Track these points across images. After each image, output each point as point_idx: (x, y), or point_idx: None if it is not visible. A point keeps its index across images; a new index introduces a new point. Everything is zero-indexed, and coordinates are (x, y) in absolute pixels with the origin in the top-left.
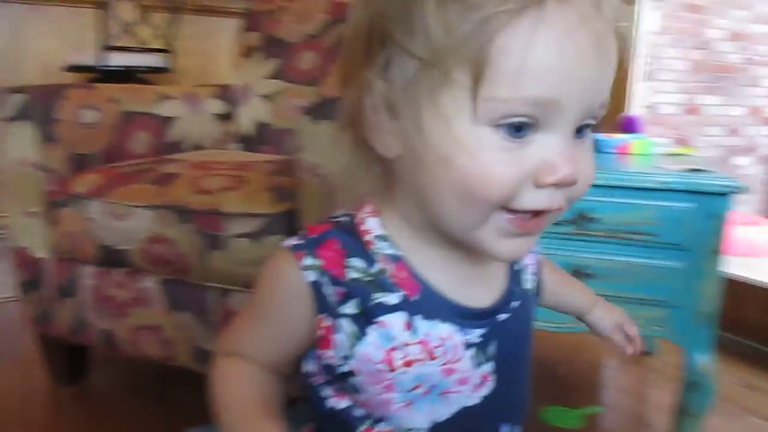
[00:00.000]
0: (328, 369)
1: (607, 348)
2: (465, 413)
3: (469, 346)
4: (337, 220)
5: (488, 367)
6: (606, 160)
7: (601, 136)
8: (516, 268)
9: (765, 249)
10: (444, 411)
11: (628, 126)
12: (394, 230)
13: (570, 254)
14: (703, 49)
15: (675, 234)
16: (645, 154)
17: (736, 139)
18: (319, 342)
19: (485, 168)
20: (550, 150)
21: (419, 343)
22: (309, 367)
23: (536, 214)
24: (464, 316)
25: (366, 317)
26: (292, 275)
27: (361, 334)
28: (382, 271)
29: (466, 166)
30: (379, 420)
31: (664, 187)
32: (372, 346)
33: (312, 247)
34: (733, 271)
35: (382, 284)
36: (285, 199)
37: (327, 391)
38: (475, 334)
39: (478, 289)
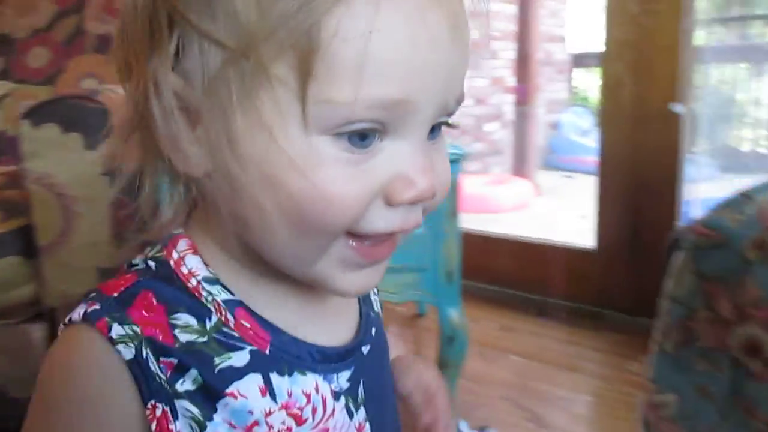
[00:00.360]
0: None
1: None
2: None
3: (338, 395)
4: (140, 267)
5: (362, 416)
6: None
7: None
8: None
9: (513, 204)
10: None
11: None
12: (223, 268)
13: None
14: None
15: None
16: None
17: (485, 107)
18: None
19: (324, 188)
20: (403, 160)
21: (282, 408)
22: None
23: (385, 237)
24: (327, 360)
25: (210, 392)
26: (98, 357)
27: (207, 417)
28: (221, 324)
29: (298, 187)
30: None
31: None
32: (224, 427)
33: (117, 309)
34: (486, 226)
35: (225, 342)
36: (15, 215)
37: None
38: (343, 378)
39: (334, 324)
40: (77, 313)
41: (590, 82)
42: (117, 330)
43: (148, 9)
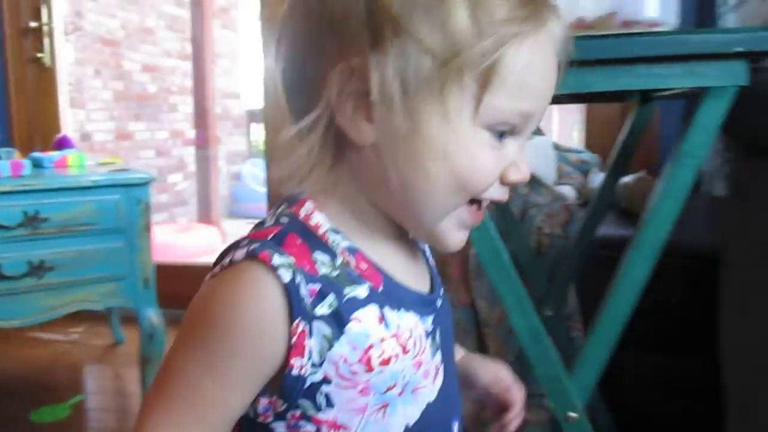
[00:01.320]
0: (293, 387)
1: (85, 351)
2: (428, 411)
3: (428, 334)
4: (275, 222)
5: (439, 357)
6: (48, 172)
7: (39, 154)
8: (426, 258)
9: (201, 250)
10: (414, 412)
11: (63, 144)
12: (342, 223)
13: (24, 254)
14: (123, 80)
15: (111, 221)
16: (80, 165)
17: (167, 159)
18: (291, 351)
19: (480, 164)
20: (517, 153)
21: (393, 336)
22: (257, 405)
23: (488, 204)
24: (422, 304)
25: (340, 316)
26: (263, 283)
27: (335, 336)
28: (346, 263)
29: (464, 162)
30: None
31: (97, 184)
32: (348, 347)
33: (274, 246)
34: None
35: (349, 277)
36: None
37: (280, 428)
38: (428, 322)
39: (419, 276)
40: (238, 255)
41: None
42: (277, 259)
43: (364, 18)
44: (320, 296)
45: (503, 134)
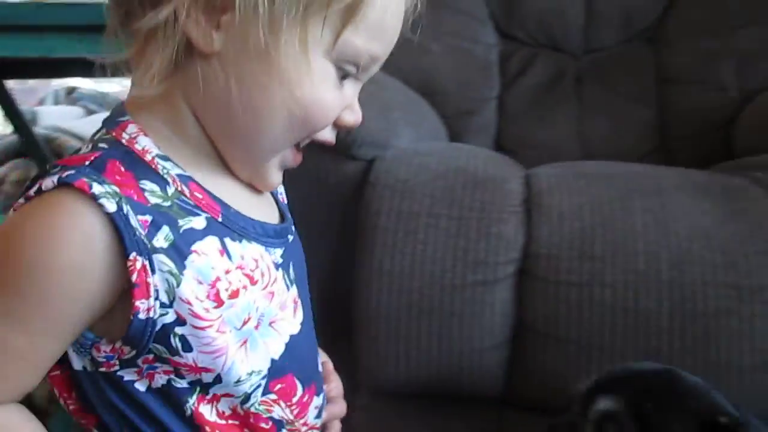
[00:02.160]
0: (142, 331)
1: None
2: (294, 345)
3: (277, 266)
4: (96, 148)
5: (295, 292)
6: None
7: None
8: (276, 197)
9: None
10: (278, 345)
11: None
12: (171, 149)
13: None
14: None
15: None
16: None
17: None
18: (134, 292)
19: (326, 99)
20: (354, 96)
21: (238, 268)
22: (95, 353)
23: (312, 146)
24: (266, 234)
25: (179, 250)
26: (83, 214)
27: (180, 271)
28: (180, 192)
29: (311, 93)
30: (211, 384)
31: None
32: (194, 282)
33: (92, 173)
34: None
35: (184, 208)
36: None
37: (130, 375)
38: (277, 254)
39: (264, 208)
40: (49, 182)
41: None
42: (98, 187)
43: None
44: (154, 228)
45: (346, 76)
